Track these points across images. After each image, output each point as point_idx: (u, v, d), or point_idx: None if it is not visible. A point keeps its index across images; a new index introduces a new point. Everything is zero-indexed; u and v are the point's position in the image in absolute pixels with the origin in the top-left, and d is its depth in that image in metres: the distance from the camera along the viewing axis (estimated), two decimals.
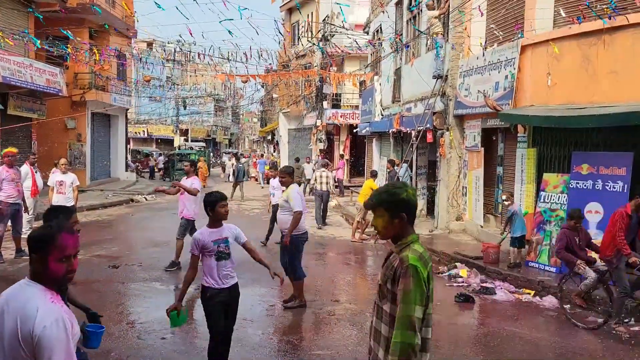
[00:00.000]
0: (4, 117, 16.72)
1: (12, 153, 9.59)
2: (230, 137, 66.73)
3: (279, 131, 37.26)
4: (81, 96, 21.34)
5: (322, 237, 12.93)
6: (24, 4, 17.67)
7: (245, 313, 6.87)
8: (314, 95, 27.25)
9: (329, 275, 9.23)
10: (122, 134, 26.84)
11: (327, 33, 24.66)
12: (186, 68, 44.02)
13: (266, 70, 26.35)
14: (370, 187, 12.48)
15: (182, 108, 45.44)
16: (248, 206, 18.80)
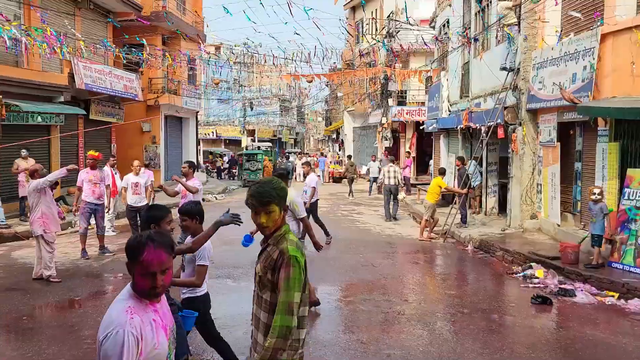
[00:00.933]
0: (87, 122, 17.74)
1: (94, 156, 10.19)
2: (295, 136, 67.53)
3: (344, 129, 37.30)
4: (155, 100, 22.28)
5: (390, 235, 12.81)
6: (103, 14, 18.68)
7: (313, 309, 6.94)
8: (378, 92, 27.06)
9: (397, 274, 9.14)
10: (192, 136, 27.80)
11: (391, 29, 24.41)
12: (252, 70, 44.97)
13: (331, 69, 26.45)
14: (438, 185, 12.24)
15: (249, 109, 46.43)
16: None
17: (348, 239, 12.29)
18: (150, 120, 22.66)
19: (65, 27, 15.07)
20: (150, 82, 22.30)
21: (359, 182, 28.21)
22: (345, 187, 25.78)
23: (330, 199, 20.86)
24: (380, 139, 27.54)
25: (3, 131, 13.29)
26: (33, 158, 14.13)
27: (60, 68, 16.03)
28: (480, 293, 8.18)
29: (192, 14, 24.59)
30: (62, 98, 15.77)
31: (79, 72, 15.88)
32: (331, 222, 14.76)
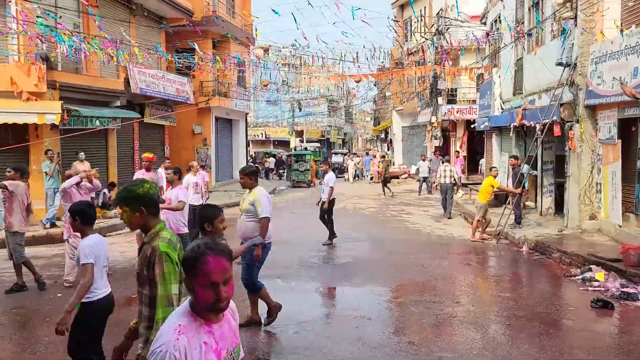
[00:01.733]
0: (141, 125, 18.35)
1: (149, 158, 10.53)
2: (343, 136, 67.52)
3: (393, 129, 37.00)
4: (206, 103, 22.80)
5: (440, 236, 12.60)
6: (157, 20, 19.27)
7: (364, 311, 6.91)
8: (428, 91, 26.68)
9: (448, 275, 8.96)
10: (242, 137, 28.27)
11: (441, 27, 24.02)
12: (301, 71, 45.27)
13: (379, 68, 26.26)
14: (490, 185, 11.93)
15: (298, 110, 46.77)
16: (364, 204, 18.87)
17: (397, 239, 12.18)
18: (202, 122, 23.22)
19: (121, 34, 15.64)
20: (202, 85, 22.83)
21: (407, 182, 27.91)
22: (395, 187, 25.64)
23: (378, 199, 20.74)
24: (429, 138, 27.14)
25: (64, 135, 13.91)
26: (93, 161, 14.74)
27: (116, 74, 16.65)
28: (536, 296, 7.92)
29: (241, 17, 24.99)
30: (119, 102, 16.38)
31: (134, 77, 16.44)
32: (380, 223, 14.70)
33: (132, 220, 3.05)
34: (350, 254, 10.47)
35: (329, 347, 5.76)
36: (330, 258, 10.13)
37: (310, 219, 13.68)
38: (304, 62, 32.88)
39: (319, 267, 9.43)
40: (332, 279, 8.53)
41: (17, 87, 12.70)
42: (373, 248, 11.40)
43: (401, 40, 31.00)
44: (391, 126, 37.74)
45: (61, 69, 14.27)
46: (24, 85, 12.75)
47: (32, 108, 12.62)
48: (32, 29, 12.50)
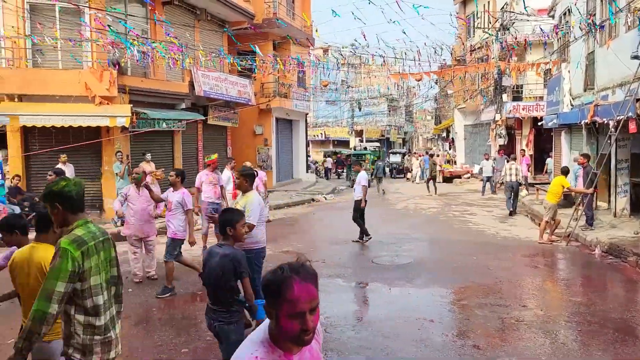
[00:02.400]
0: (205, 127, 18.88)
1: (212, 161, 10.80)
2: (404, 136, 66.76)
3: (455, 128, 36.22)
4: (267, 104, 23.16)
5: (506, 237, 12.19)
6: (219, 24, 19.77)
7: (426, 313, 6.79)
8: (491, 88, 25.90)
9: (514, 278, 8.65)
10: (302, 137, 28.51)
11: (505, 22, 23.26)
12: (360, 70, 45.16)
13: (440, 66, 25.78)
14: (560, 185, 11.42)
15: (357, 110, 46.66)
16: (425, 204, 18.57)
17: (460, 240, 11.90)
18: (263, 123, 23.62)
19: (186, 38, 16.15)
20: (262, 87, 23.22)
21: (470, 181, 27.22)
22: (457, 187, 25.10)
23: (440, 199, 20.36)
24: (493, 137, 26.34)
25: (132, 137, 14.53)
26: (159, 161, 15.32)
27: (181, 77, 17.21)
28: (610, 301, 7.51)
29: (300, 19, 25.21)
30: (184, 105, 16.93)
31: (198, 80, 16.94)
32: (441, 223, 14.42)
33: (54, 216, 3.11)
34: (411, 254, 10.33)
35: (390, 347, 5.70)
36: (391, 258, 10.03)
37: (369, 218, 13.60)
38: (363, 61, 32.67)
39: (380, 267, 9.35)
40: (393, 280, 8.43)
41: (91, 92, 13.38)
42: (435, 249, 11.19)
43: (463, 37, 30.29)
44: (453, 125, 36.96)
45: (130, 73, 14.92)
46: (96, 90, 13.41)
47: (104, 111, 13.27)
48: (104, 37, 13.14)
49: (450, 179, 28.10)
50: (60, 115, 12.83)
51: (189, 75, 16.92)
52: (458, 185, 26.02)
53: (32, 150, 13.58)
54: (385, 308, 7.15)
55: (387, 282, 8.30)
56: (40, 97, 13.11)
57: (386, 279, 8.48)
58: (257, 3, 21.94)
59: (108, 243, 3.25)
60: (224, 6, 18.79)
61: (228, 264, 4.13)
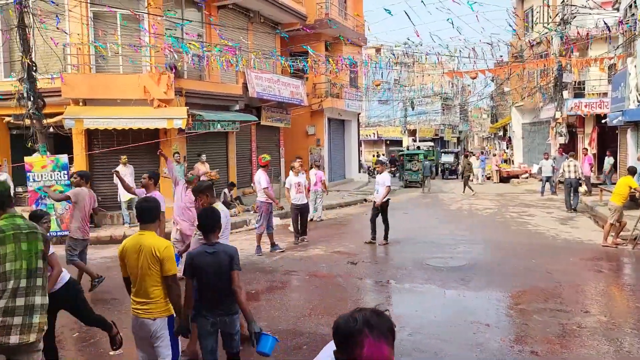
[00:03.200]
0: (258, 127, 19.15)
1: (266, 162, 10.93)
2: (458, 135, 65.43)
3: (512, 126, 35.15)
4: (319, 104, 23.24)
5: (567, 240, 11.70)
6: (272, 26, 20.00)
7: (482, 317, 6.60)
8: (551, 85, 24.94)
9: (576, 283, 8.27)
10: (354, 137, 28.44)
11: (566, 15, 22.36)
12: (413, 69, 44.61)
13: (497, 63, 25.07)
14: (627, 185, 10.84)
15: (410, 109, 46.10)
16: (481, 205, 18.11)
17: (517, 242, 11.51)
18: (315, 123, 23.72)
19: (240, 41, 16.43)
20: (315, 87, 23.31)
21: (529, 182, 26.35)
22: (515, 187, 24.36)
23: (497, 199, 19.81)
24: (553, 135, 25.35)
25: (188, 138, 14.91)
26: (214, 162, 15.66)
27: (235, 79, 17.52)
28: None
29: (353, 18, 25.16)
30: (238, 106, 17.23)
31: (252, 81, 17.20)
32: (498, 225, 14.01)
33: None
34: (466, 256, 10.08)
35: (444, 351, 5.58)
36: (445, 260, 9.82)
37: (424, 219, 13.42)
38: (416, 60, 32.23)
39: (434, 269, 9.17)
40: (447, 282, 8.25)
41: (149, 95, 13.83)
42: (491, 251, 10.88)
43: (521, 33, 29.34)
44: (510, 123, 35.89)
45: (187, 76, 15.32)
46: (155, 93, 13.85)
47: (162, 114, 13.68)
48: (162, 41, 13.55)
49: (507, 179, 27.29)
50: (121, 118, 13.33)
51: (243, 77, 17.21)
52: (516, 186, 25.22)
53: (96, 152, 14.19)
54: (439, 311, 7.00)
55: (442, 284, 8.14)
56: (103, 100, 13.67)
57: (440, 281, 8.31)
58: (309, 4, 22.05)
59: (34, 236, 3.62)
60: (276, 8, 18.99)
61: (224, 257, 4.17)
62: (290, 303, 7.37)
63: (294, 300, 7.52)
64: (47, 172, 12.28)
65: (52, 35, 12.75)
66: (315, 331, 6.22)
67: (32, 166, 12.34)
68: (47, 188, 11.15)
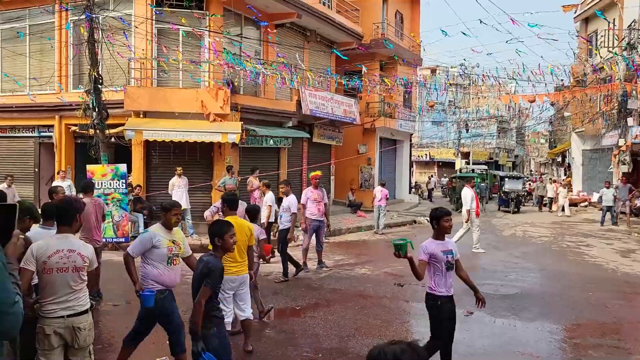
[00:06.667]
0: (310, 144, 19.31)
1: (318, 176, 10.96)
2: (514, 159, 63.78)
3: (571, 152, 33.93)
4: (371, 124, 23.22)
5: (628, 274, 11.07)
6: (328, 45, 20.24)
7: (533, 348, 6.34)
8: (615, 111, 23.98)
9: (636, 319, 7.81)
10: (406, 158, 28.19)
11: (633, 40, 21.53)
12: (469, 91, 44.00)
13: (557, 87, 24.36)
14: None
15: (464, 131, 45.39)
16: (535, 232, 17.49)
17: (573, 273, 11.02)
18: (366, 142, 23.70)
19: (295, 59, 16.70)
20: (368, 106, 23.34)
21: (588, 210, 25.27)
22: (573, 216, 23.41)
23: (553, 227, 19.09)
24: (616, 163, 24.29)
25: (241, 152, 15.20)
26: (266, 177, 15.84)
27: (289, 96, 17.79)
28: None
29: (409, 39, 25.12)
30: (290, 123, 17.46)
31: (305, 99, 17.41)
32: (553, 253, 13.49)
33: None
34: (518, 284, 9.73)
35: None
36: (496, 287, 9.50)
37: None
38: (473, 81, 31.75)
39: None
40: (497, 310, 7.97)
41: (206, 109, 14.23)
42: (545, 280, 10.45)
43: (584, 57, 28.44)
44: (570, 149, 34.66)
45: (242, 92, 15.69)
46: (211, 108, 14.24)
47: (217, 128, 14.03)
48: (220, 58, 13.96)
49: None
50: (178, 131, 13.76)
51: (297, 94, 17.44)
52: (574, 214, 24.25)
53: (153, 163, 14.67)
54: (488, 339, 6.77)
55: (491, 312, 7.86)
56: (162, 113, 14.16)
57: (490, 309, 8.02)
58: (365, 24, 22.21)
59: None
60: (333, 28, 19.23)
61: (203, 267, 4.19)
62: (335, 322, 7.31)
63: (339, 319, 7.45)
64: (107, 180, 12.78)
65: (118, 50, 13.38)
66: (359, 352, 6.13)
67: (93, 174, 12.87)
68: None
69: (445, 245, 5.11)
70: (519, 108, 53.00)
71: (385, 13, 23.96)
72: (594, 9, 26.71)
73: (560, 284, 9.98)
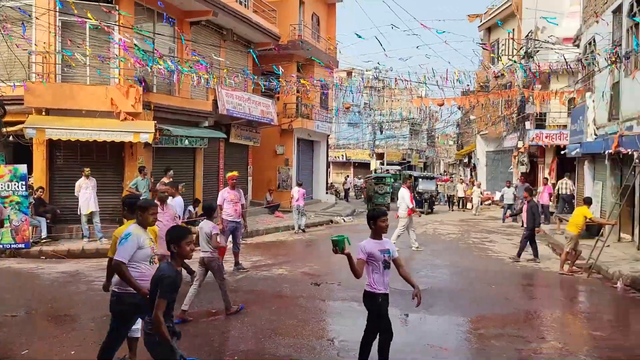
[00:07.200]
0: (227, 145, 19.07)
1: (235, 177, 10.85)
2: (425, 160, 66.48)
3: (476, 154, 35.98)
4: (289, 124, 23.33)
5: (525, 267, 11.97)
6: (245, 45, 20.08)
7: (441, 341, 6.66)
8: (515, 115, 25.74)
9: (533, 309, 8.47)
10: (323, 159, 28.58)
11: (530, 49, 23.19)
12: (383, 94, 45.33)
13: (463, 92, 25.74)
14: (583, 215, 11.21)
15: (379, 132, 46.71)
16: (444, 230, 18.37)
17: (478, 268, 11.71)
18: (284, 143, 23.78)
19: (211, 58, 16.42)
20: (285, 107, 23.43)
21: (491, 208, 26.88)
22: (478, 214, 24.78)
23: (460, 225, 20.14)
24: (515, 164, 26.07)
25: (155, 153, 14.73)
26: (180, 178, 15.44)
27: (205, 95, 17.47)
28: (632, 336, 7.29)
29: (325, 41, 25.49)
30: (207, 123, 17.15)
31: (222, 98, 17.17)
32: (460, 250, 14.23)
33: None
34: (428, 281, 10.18)
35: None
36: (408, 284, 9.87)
37: None
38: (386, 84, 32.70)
39: (397, 293, 9.19)
40: (409, 306, 8.28)
41: (116, 107, 13.64)
42: (452, 276, 11.02)
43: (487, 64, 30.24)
44: (475, 150, 36.73)
45: (156, 90, 15.20)
46: (122, 106, 13.68)
47: (129, 127, 13.50)
48: (132, 54, 13.43)
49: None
50: (86, 130, 13.09)
51: (213, 93, 17.17)
52: (480, 212, 25.70)
53: (57, 163, 13.85)
54: (400, 334, 7.01)
55: (404, 308, 8.18)
56: (67, 111, 13.41)
57: (402, 305, 8.35)
58: (283, 25, 22.28)
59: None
60: (250, 28, 19.12)
61: (156, 274, 4.09)
62: (251, 323, 7.28)
63: (256, 320, 7.44)
64: (5, 182, 11.91)
65: (17, 42, 12.49)
66: (275, 353, 6.15)
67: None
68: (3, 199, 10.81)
69: (383, 245, 5.27)
70: (429, 111, 55.44)
71: (302, 15, 24.17)
72: (495, 19, 28.49)
73: (466, 279, 10.57)
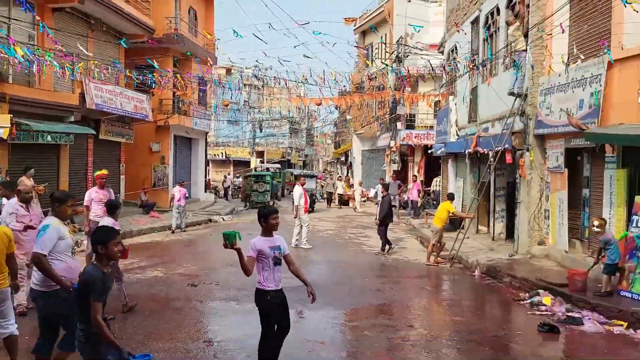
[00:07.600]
0: (96, 142, 17.94)
1: (104, 175, 10.24)
2: (304, 158, 67.74)
3: (353, 152, 37.39)
4: (165, 121, 22.49)
5: (397, 260, 12.72)
6: (116, 36, 19.00)
7: (318, 335, 6.88)
8: (387, 116, 27.15)
9: (403, 299, 9.05)
10: (201, 156, 27.96)
11: (400, 54, 24.62)
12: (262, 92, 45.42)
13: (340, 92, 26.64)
14: (446, 210, 12.17)
15: (259, 131, 46.73)
16: (322, 227, 18.89)
17: (354, 262, 12.23)
18: (160, 140, 22.89)
19: (77, 48, 15.31)
20: (161, 103, 22.55)
21: (367, 205, 28.11)
22: (354, 210, 25.79)
23: (336, 221, 20.83)
24: (388, 162, 27.53)
25: (13, 150, 13.45)
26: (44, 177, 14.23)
27: (71, 88, 16.28)
28: (487, 320, 8.08)
29: (203, 37, 24.93)
30: (73, 118, 15.98)
31: (90, 92, 16.10)
32: (337, 245, 14.74)
33: None
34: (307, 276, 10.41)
35: None
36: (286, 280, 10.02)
37: None
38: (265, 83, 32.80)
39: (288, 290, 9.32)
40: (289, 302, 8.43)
41: None
42: (329, 271, 11.40)
43: (362, 66, 31.57)
44: (351, 149, 38.16)
45: (12, 81, 13.86)
46: None
47: None
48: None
49: (347, 202, 28.79)
50: None
51: (80, 86, 16.03)
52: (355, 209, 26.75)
53: None
54: None
55: None
56: None
57: None
58: (158, 18, 21.43)
59: None
60: (121, 18, 18.14)
61: (82, 279, 4.00)
62: (123, 329, 6.95)
63: (128, 326, 7.11)
64: None
65: None
66: None
67: None
68: None
69: (273, 242, 5.39)
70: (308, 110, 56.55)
71: (179, 8, 23.43)
72: (368, 23, 29.79)
73: (342, 273, 11.00)
